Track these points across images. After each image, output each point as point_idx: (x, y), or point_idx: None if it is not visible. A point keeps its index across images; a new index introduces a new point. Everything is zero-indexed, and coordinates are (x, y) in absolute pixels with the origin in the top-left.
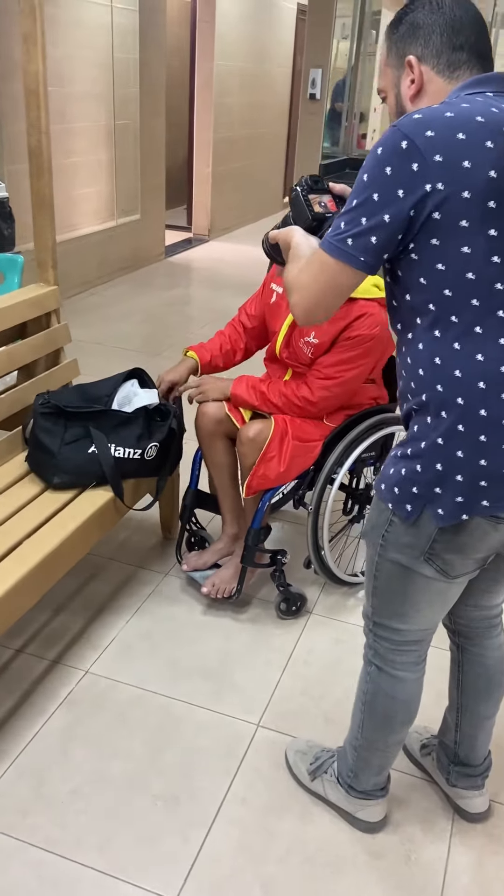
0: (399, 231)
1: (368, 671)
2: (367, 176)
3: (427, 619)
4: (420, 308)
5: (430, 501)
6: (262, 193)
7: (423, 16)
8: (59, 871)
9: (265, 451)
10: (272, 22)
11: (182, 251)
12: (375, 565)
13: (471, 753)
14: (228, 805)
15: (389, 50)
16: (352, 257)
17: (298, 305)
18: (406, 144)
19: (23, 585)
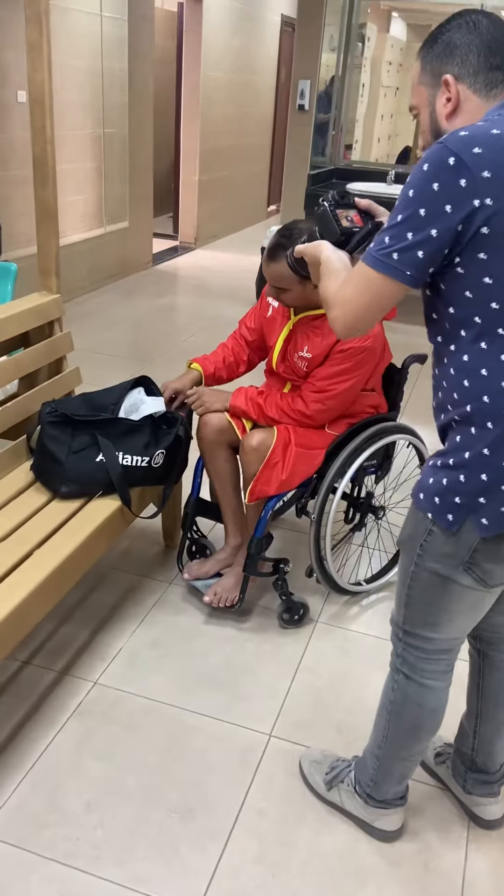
0: (446, 245)
1: (396, 679)
2: (413, 191)
3: (459, 629)
4: (465, 321)
5: (473, 511)
6: (247, 203)
7: (460, 36)
8: (80, 885)
9: (269, 458)
10: (256, 33)
11: (169, 259)
12: (411, 575)
13: (488, 760)
14: (245, 816)
15: (424, 68)
16: (398, 271)
17: (339, 320)
18: (454, 161)
19: (39, 593)
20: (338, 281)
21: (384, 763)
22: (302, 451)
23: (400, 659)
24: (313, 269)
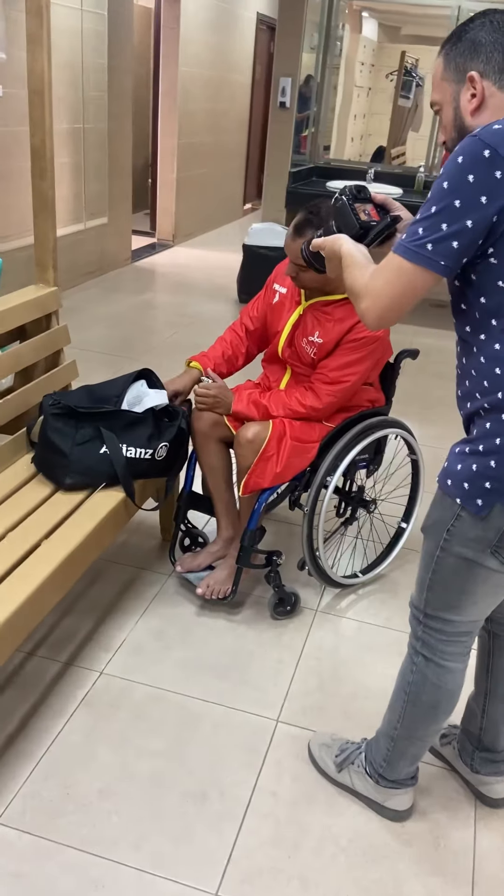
0: (480, 236)
1: (415, 661)
2: (448, 183)
3: (480, 611)
4: (497, 310)
5: (502, 496)
6: (224, 201)
7: (485, 34)
8: (98, 870)
9: (264, 451)
10: (233, 31)
11: (147, 256)
12: (436, 559)
13: (496, 739)
14: (257, 799)
15: (447, 65)
16: (432, 262)
17: (371, 311)
18: (489, 153)
19: (50, 583)
20: (365, 273)
21: (399, 744)
22: (296, 445)
23: (420, 642)
24: (331, 263)
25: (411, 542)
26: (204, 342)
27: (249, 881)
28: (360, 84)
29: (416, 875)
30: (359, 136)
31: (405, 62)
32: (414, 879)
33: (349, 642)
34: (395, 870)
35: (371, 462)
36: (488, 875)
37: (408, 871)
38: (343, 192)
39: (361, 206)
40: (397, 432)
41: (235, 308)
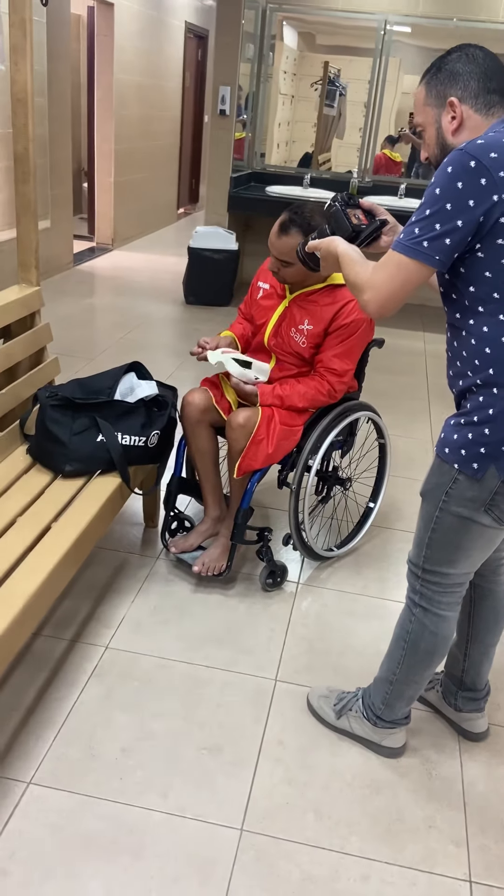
0: (469, 234)
1: (414, 612)
2: (440, 189)
3: (473, 563)
4: (485, 297)
5: (496, 459)
6: (159, 205)
7: (462, 65)
8: (132, 816)
9: (255, 434)
10: (164, 39)
11: (88, 260)
12: (435, 519)
13: (476, 679)
14: (267, 747)
15: (429, 92)
16: (428, 257)
17: (373, 301)
18: (474, 164)
19: (63, 564)
20: (365, 268)
21: (397, 687)
22: (284, 428)
23: (418, 595)
24: (326, 262)
25: (378, 520)
26: (157, 342)
27: (270, 816)
28: (284, 92)
29: (414, 801)
30: (284, 142)
31: (328, 72)
32: (413, 805)
33: (331, 609)
34: (395, 798)
35: (345, 443)
36: (476, 796)
37: (407, 798)
38: (336, 199)
39: (352, 212)
40: (369, 415)
41: (182, 309)
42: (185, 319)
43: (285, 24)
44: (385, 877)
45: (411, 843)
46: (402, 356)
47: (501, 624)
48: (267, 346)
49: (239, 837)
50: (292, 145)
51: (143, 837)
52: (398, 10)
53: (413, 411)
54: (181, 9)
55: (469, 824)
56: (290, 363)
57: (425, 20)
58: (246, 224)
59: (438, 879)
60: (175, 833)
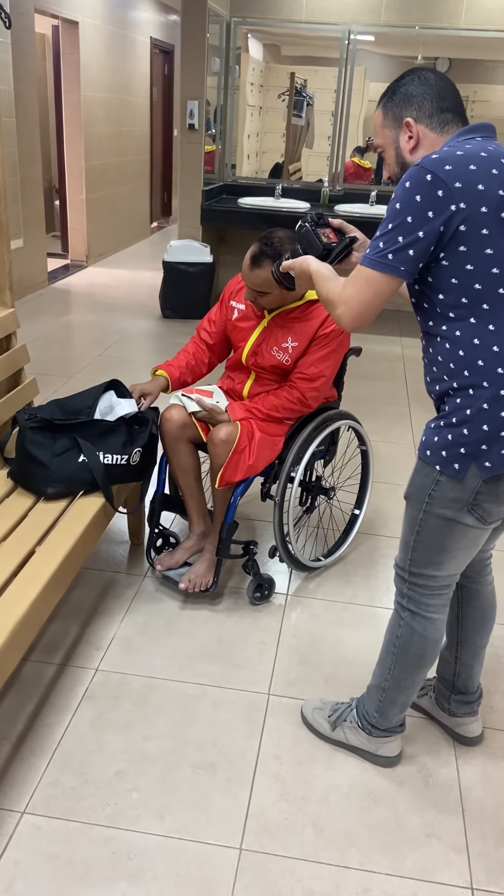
0: (431, 244)
1: (402, 616)
2: (400, 204)
3: (458, 565)
4: (454, 303)
5: (476, 458)
6: (132, 220)
7: (415, 87)
8: (128, 842)
9: (237, 445)
10: (129, 55)
11: (63, 277)
12: (419, 522)
13: (468, 682)
14: (262, 763)
15: (386, 115)
16: (394, 268)
17: (346, 315)
18: (430, 177)
19: (49, 586)
20: (337, 284)
21: (390, 693)
22: (265, 437)
23: (406, 598)
24: (301, 280)
25: (364, 527)
26: (135, 358)
27: (268, 834)
28: (251, 104)
29: (413, 810)
30: (254, 153)
31: (295, 83)
32: (412, 814)
33: (321, 620)
34: (393, 808)
35: (326, 452)
36: (474, 802)
37: (405, 807)
38: (306, 219)
39: (322, 231)
40: (349, 423)
41: (160, 323)
42: (162, 334)
43: (250, 36)
44: (387, 888)
45: (411, 853)
46: (381, 362)
47: (490, 625)
48: (245, 364)
49: (238, 856)
50: (262, 156)
51: (142, 862)
52: (361, 19)
53: (394, 416)
54: (146, 25)
55: (468, 830)
56: (269, 378)
57: (389, 28)
58: (220, 236)
59: (440, 888)
60: (173, 855)
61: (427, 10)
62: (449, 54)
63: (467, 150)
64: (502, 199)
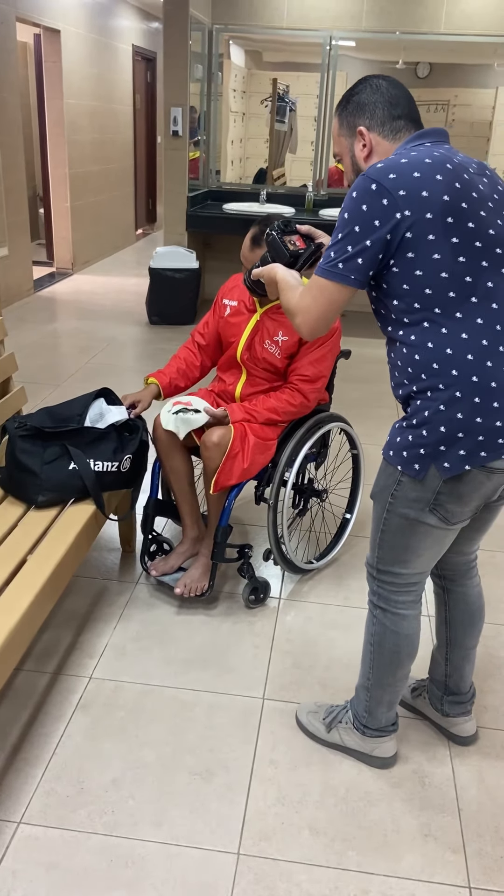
0: (380, 251)
1: (375, 614)
2: (347, 214)
3: (424, 563)
4: (407, 308)
5: (435, 459)
6: (117, 227)
7: (367, 96)
8: (126, 850)
9: (230, 450)
10: (112, 62)
11: (49, 285)
12: (384, 521)
13: (460, 682)
14: (258, 768)
15: (341, 124)
16: (344, 277)
17: (304, 324)
18: (375, 186)
19: (41, 596)
20: (296, 294)
21: (373, 692)
22: (259, 442)
23: (376, 596)
24: (270, 288)
25: (356, 530)
26: (123, 364)
27: (266, 838)
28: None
29: (409, 811)
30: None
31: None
32: (408, 815)
33: (314, 623)
34: (390, 809)
35: (318, 455)
36: (470, 801)
37: (401, 808)
38: (273, 228)
39: (289, 238)
40: (341, 426)
41: (147, 330)
42: (149, 340)
43: (232, 43)
44: (384, 889)
45: (409, 854)
46: (369, 364)
47: (478, 626)
48: (239, 360)
49: (236, 862)
50: (246, 162)
51: (139, 869)
52: (342, 25)
53: (383, 418)
54: (127, 32)
55: (465, 830)
56: (261, 378)
57: (369, 34)
58: (205, 242)
59: (438, 888)
60: (171, 862)
61: (407, 15)
62: (430, 59)
63: (412, 158)
64: (447, 203)
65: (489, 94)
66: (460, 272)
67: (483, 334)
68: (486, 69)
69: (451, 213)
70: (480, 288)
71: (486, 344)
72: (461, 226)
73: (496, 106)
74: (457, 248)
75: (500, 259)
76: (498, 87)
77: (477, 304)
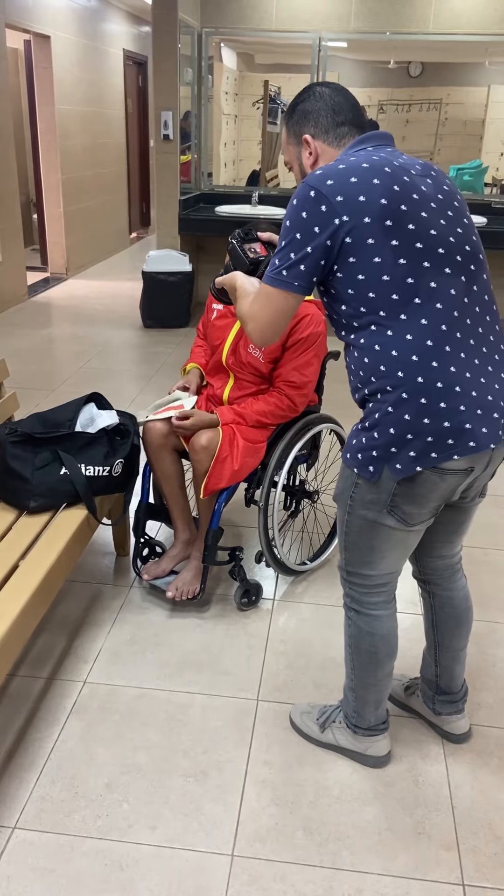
0: (321, 257)
1: (349, 616)
2: (289, 222)
3: (391, 564)
4: (355, 313)
5: (388, 461)
6: (111, 231)
7: (310, 104)
8: (120, 853)
9: (219, 453)
10: (102, 67)
11: (43, 291)
12: (346, 523)
13: (451, 682)
14: (253, 769)
15: (288, 132)
16: (288, 284)
17: (255, 332)
18: (314, 193)
19: (33, 600)
20: (248, 301)
21: (358, 693)
22: (248, 444)
23: (349, 598)
24: (232, 296)
25: None
26: (118, 368)
27: (260, 839)
28: (227, 112)
29: (403, 810)
30: (231, 161)
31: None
32: (402, 814)
33: (308, 623)
34: (384, 808)
35: (309, 456)
36: (463, 799)
37: (395, 807)
38: (233, 236)
39: (249, 246)
40: (331, 427)
41: (142, 334)
42: (144, 344)
43: (223, 45)
44: (379, 888)
45: (402, 852)
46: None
47: (465, 628)
48: (225, 364)
49: (230, 863)
50: (239, 164)
51: (134, 872)
52: (331, 26)
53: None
54: (118, 37)
55: (458, 828)
56: (248, 381)
57: (359, 35)
58: (198, 245)
59: (432, 886)
60: (166, 865)
61: (396, 15)
62: (421, 58)
63: (350, 163)
64: (385, 207)
65: (481, 93)
66: (402, 274)
67: (428, 335)
68: (478, 67)
69: (389, 217)
70: (423, 289)
71: (432, 344)
72: (400, 228)
73: (489, 104)
74: (397, 250)
75: (442, 259)
76: (490, 85)
77: (421, 305)
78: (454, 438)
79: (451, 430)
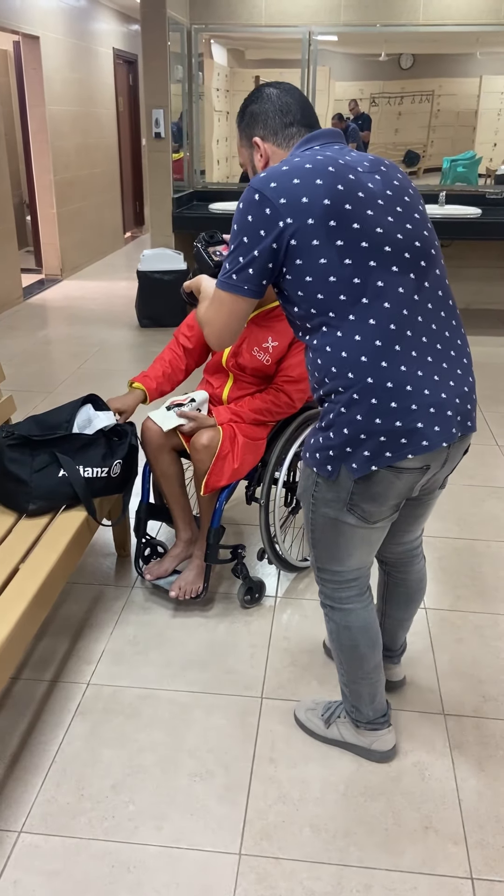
0: (269, 260)
1: (326, 613)
2: (237, 226)
3: (358, 560)
4: (306, 314)
5: (344, 460)
6: (105, 231)
7: (258, 106)
8: (127, 855)
9: (219, 451)
10: (93, 67)
11: (38, 292)
12: (311, 521)
13: (392, 642)
14: (258, 766)
15: (240, 135)
16: (238, 288)
17: (211, 335)
18: (258, 196)
19: (35, 603)
20: (204, 305)
21: (351, 687)
22: (248, 442)
23: (322, 595)
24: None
25: None
26: (116, 369)
27: (267, 837)
28: (218, 109)
29: (409, 804)
30: (223, 158)
31: None
32: (409, 808)
33: (311, 620)
34: (390, 803)
35: None
36: (470, 792)
37: (402, 802)
38: (198, 240)
39: (213, 249)
40: None
41: (138, 333)
42: (140, 343)
43: (213, 42)
44: (387, 884)
45: (410, 847)
46: None
47: (415, 604)
48: (225, 366)
49: (238, 862)
50: (232, 161)
51: (141, 874)
52: (321, 20)
53: None
54: (107, 36)
55: (466, 821)
56: (248, 381)
57: (349, 28)
58: (192, 243)
59: (440, 880)
60: (173, 865)
61: (386, 8)
62: (412, 50)
63: (293, 164)
64: (328, 207)
65: (473, 83)
66: (348, 274)
67: (376, 335)
68: (469, 58)
69: (333, 217)
70: (371, 288)
71: (380, 344)
72: (345, 228)
73: (481, 94)
74: (342, 250)
75: (389, 257)
76: (482, 75)
77: (368, 304)
78: (407, 438)
79: (404, 429)
